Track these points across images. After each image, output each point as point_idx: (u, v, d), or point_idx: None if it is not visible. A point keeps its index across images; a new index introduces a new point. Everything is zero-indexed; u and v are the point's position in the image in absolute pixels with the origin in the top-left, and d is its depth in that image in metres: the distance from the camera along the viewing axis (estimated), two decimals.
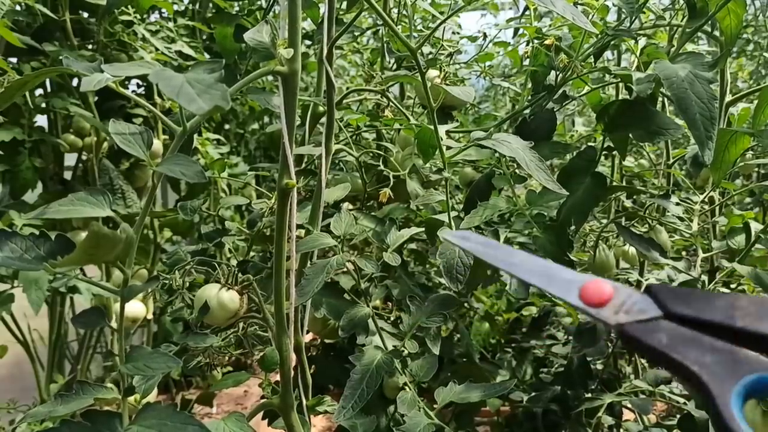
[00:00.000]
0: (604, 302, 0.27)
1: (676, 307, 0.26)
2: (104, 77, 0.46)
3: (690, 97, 0.74)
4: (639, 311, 0.26)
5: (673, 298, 0.26)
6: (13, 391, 1.38)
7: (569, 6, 0.66)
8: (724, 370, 0.24)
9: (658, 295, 0.27)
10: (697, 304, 0.26)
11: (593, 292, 0.27)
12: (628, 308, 0.27)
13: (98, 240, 0.47)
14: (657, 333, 0.26)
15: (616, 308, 0.27)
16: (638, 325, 0.26)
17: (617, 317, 0.26)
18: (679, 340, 0.25)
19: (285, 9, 0.56)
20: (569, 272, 0.29)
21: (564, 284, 0.28)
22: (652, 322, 0.26)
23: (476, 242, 0.31)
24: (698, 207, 1.03)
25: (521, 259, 0.29)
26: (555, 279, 0.29)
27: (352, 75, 2.04)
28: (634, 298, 0.27)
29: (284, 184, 0.60)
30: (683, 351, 0.25)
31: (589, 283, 0.28)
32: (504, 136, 0.73)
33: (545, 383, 1.18)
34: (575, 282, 0.28)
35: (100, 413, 0.54)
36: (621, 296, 0.27)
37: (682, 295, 0.26)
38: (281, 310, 0.64)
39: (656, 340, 0.25)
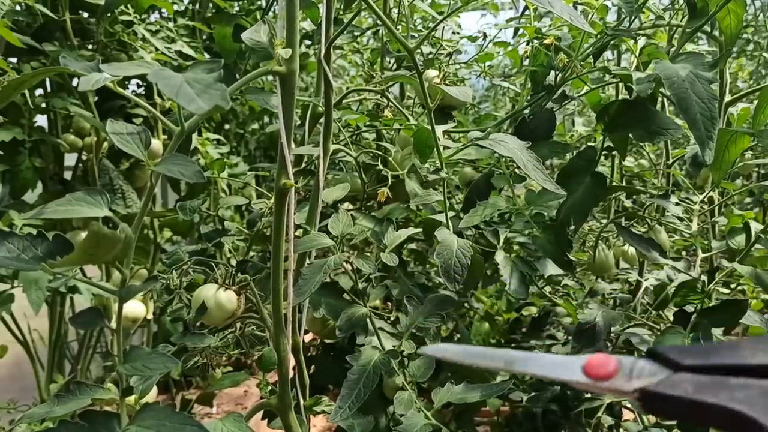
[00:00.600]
0: (612, 374, 0.26)
1: (685, 360, 0.26)
2: (102, 77, 0.46)
3: (690, 97, 0.74)
4: (650, 374, 0.26)
5: (677, 353, 0.26)
6: (13, 391, 1.38)
7: (567, 6, 0.66)
8: (764, 400, 0.23)
9: (663, 355, 0.26)
10: (703, 355, 0.26)
11: (598, 366, 0.27)
12: (638, 374, 0.26)
13: (98, 240, 0.47)
14: (680, 385, 0.25)
15: (626, 377, 0.26)
16: (658, 385, 0.25)
17: (632, 384, 0.26)
18: (705, 385, 0.24)
19: (283, 9, 0.56)
20: (565, 357, 0.28)
21: (565, 367, 0.27)
22: (669, 378, 0.25)
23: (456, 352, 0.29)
24: (698, 207, 1.03)
25: (512, 356, 0.28)
26: (553, 365, 0.28)
27: (352, 75, 2.04)
28: (640, 363, 0.27)
29: (282, 184, 0.60)
30: (714, 393, 0.24)
31: (590, 359, 0.27)
32: (501, 136, 0.73)
33: (545, 383, 1.18)
34: (575, 362, 0.27)
35: (98, 414, 0.54)
36: (627, 365, 0.27)
37: (685, 350, 0.26)
38: (279, 310, 0.64)
39: (681, 390, 0.25)
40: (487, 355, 0.29)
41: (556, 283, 1.27)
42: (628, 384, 0.26)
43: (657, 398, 0.25)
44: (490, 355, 0.28)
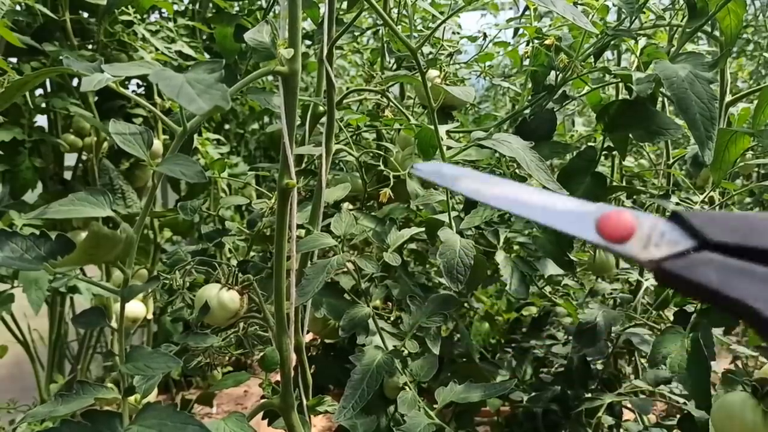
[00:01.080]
0: (627, 236, 0.23)
1: (714, 234, 0.22)
2: (104, 77, 0.46)
3: (690, 97, 0.74)
4: (670, 243, 0.23)
5: (707, 223, 0.22)
6: (13, 391, 1.38)
7: (569, 6, 0.66)
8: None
9: (689, 222, 0.23)
10: (736, 229, 0.22)
11: (613, 225, 0.23)
12: (657, 240, 0.23)
13: (98, 240, 0.47)
14: (703, 268, 0.22)
15: (643, 241, 0.23)
16: (677, 261, 0.22)
17: (648, 252, 0.23)
18: (731, 273, 0.21)
19: (285, 9, 0.56)
20: (576, 202, 0.24)
21: (576, 218, 0.24)
22: (691, 254, 0.22)
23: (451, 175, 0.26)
24: (698, 207, 1.03)
25: (516, 192, 0.25)
26: (563, 213, 0.24)
27: (352, 75, 2.04)
28: (660, 227, 0.23)
29: (284, 184, 0.60)
30: (738, 286, 0.21)
31: (606, 214, 0.24)
32: (504, 136, 0.73)
33: (545, 383, 1.18)
34: (588, 214, 0.24)
35: (100, 413, 0.54)
36: (646, 227, 0.23)
37: (716, 219, 0.23)
38: (281, 310, 0.64)
39: (704, 276, 0.22)
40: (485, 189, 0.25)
41: (557, 283, 1.27)
42: (645, 252, 0.23)
43: (675, 278, 0.22)
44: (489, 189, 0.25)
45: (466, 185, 0.25)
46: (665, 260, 0.22)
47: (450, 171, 0.26)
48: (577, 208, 0.24)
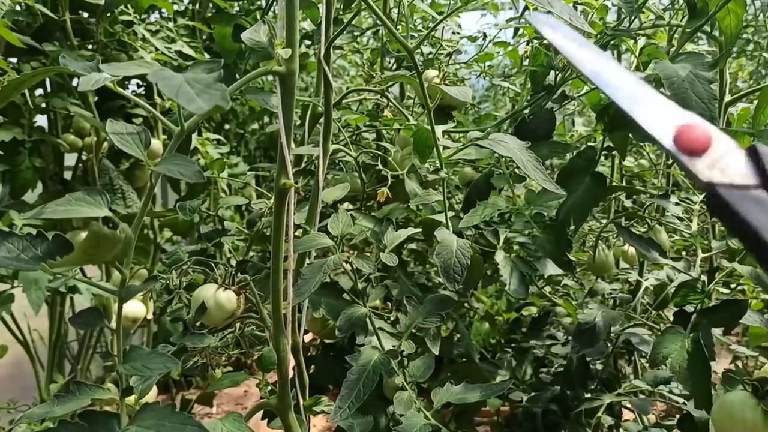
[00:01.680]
0: (699, 151, 0.23)
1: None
2: (102, 77, 0.46)
3: (690, 97, 0.74)
4: (736, 173, 0.23)
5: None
6: (13, 391, 1.38)
7: (567, 6, 0.66)
8: None
9: (762, 159, 0.23)
10: None
11: (691, 138, 0.24)
12: (725, 166, 0.23)
13: (98, 240, 0.47)
14: (752, 205, 0.22)
15: (711, 162, 0.23)
16: (732, 190, 0.23)
17: (711, 173, 0.23)
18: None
19: (282, 9, 0.56)
20: (667, 103, 0.25)
21: (660, 120, 0.24)
22: (750, 189, 0.23)
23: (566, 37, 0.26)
24: (698, 207, 1.03)
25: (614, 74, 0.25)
26: (651, 110, 0.24)
27: (352, 75, 2.04)
28: (733, 155, 0.23)
29: (282, 184, 0.60)
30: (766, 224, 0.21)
31: (688, 124, 0.24)
32: (501, 136, 0.73)
33: (545, 383, 1.18)
34: (672, 119, 0.24)
35: (98, 414, 0.54)
36: (719, 150, 0.23)
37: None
38: (279, 310, 0.64)
39: (750, 212, 0.22)
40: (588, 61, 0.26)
41: (556, 283, 1.27)
42: (707, 172, 0.23)
43: (722, 205, 0.23)
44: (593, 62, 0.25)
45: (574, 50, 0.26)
46: (721, 186, 0.23)
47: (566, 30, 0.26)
48: (663, 108, 0.25)
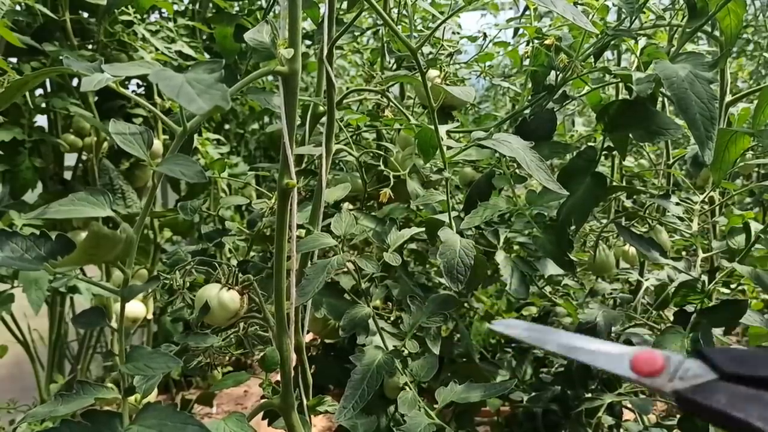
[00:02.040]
0: (657, 371, 0.27)
1: (731, 367, 0.26)
2: (104, 77, 0.46)
3: (690, 97, 0.74)
4: (694, 376, 0.27)
5: (726, 359, 0.27)
6: (13, 391, 1.38)
7: (569, 6, 0.66)
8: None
9: (711, 359, 0.27)
10: (752, 363, 0.26)
11: (645, 363, 0.28)
12: (683, 374, 0.27)
13: (98, 240, 0.47)
14: (715, 394, 0.26)
15: (670, 376, 0.27)
16: (695, 389, 0.26)
17: (673, 384, 0.27)
18: (739, 398, 0.25)
19: (285, 9, 0.56)
20: (616, 346, 0.29)
21: (614, 359, 0.29)
22: (709, 384, 0.26)
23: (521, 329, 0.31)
24: (698, 207, 1.03)
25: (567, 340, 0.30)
26: (604, 355, 0.29)
27: (352, 75, 2.04)
28: (686, 364, 0.27)
29: (284, 184, 0.60)
30: (745, 409, 0.25)
31: (639, 354, 0.28)
32: (504, 136, 0.73)
33: (545, 383, 1.18)
34: (625, 355, 0.28)
35: (100, 413, 0.54)
36: (673, 364, 0.27)
37: (735, 355, 0.27)
38: (282, 310, 0.64)
39: (715, 400, 0.25)
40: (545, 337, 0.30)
41: (557, 283, 1.27)
42: (670, 385, 0.27)
43: (692, 403, 0.26)
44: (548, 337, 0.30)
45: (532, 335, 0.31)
46: (687, 390, 0.27)
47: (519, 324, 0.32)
48: (615, 350, 0.29)
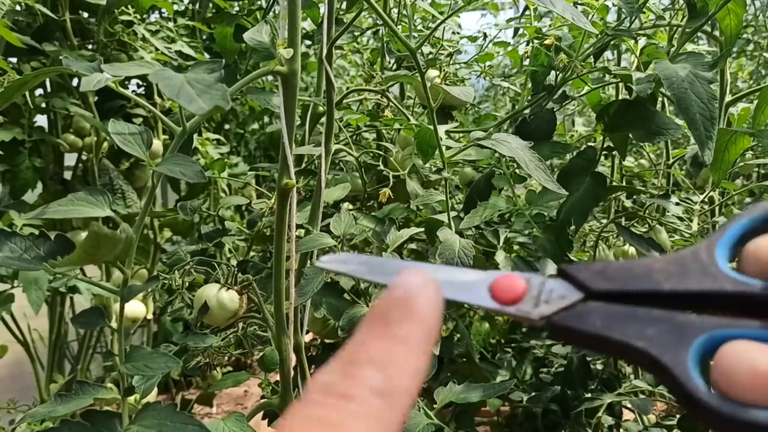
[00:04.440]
0: (519, 297, 0.24)
1: (597, 284, 0.24)
2: (104, 77, 0.46)
3: (690, 97, 0.74)
4: (559, 298, 0.24)
5: (590, 275, 0.24)
6: (13, 391, 1.38)
7: (569, 6, 0.66)
8: (671, 338, 0.22)
9: (574, 276, 0.24)
10: (616, 277, 0.24)
11: (505, 289, 0.25)
12: (547, 297, 0.24)
13: (98, 240, 0.47)
14: (588, 317, 0.23)
15: (534, 300, 0.24)
16: (565, 314, 0.24)
17: (539, 310, 0.24)
18: (614, 318, 0.23)
19: (285, 9, 0.56)
20: (471, 272, 0.26)
21: (471, 288, 0.25)
22: (578, 306, 0.24)
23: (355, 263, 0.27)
24: (698, 207, 1.03)
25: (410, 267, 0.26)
26: (459, 284, 0.25)
27: (352, 75, 2.04)
28: (549, 285, 0.25)
29: (284, 184, 0.60)
30: (622, 329, 0.23)
31: (498, 280, 0.25)
32: (503, 136, 0.73)
33: (545, 383, 1.18)
34: (482, 282, 0.25)
35: (99, 413, 0.54)
36: (535, 286, 0.25)
37: (598, 270, 0.24)
38: (281, 310, 0.64)
39: (590, 324, 0.23)
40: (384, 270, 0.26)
41: None
42: (536, 310, 0.24)
43: (566, 330, 0.24)
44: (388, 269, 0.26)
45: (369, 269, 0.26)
46: (555, 314, 0.24)
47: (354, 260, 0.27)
48: (471, 277, 0.25)
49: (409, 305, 0.20)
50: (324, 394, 0.17)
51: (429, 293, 0.20)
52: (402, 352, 0.18)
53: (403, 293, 0.20)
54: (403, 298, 0.20)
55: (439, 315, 0.21)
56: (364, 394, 0.17)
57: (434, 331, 0.20)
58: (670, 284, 0.23)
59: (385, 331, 0.19)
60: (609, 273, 0.24)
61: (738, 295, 0.23)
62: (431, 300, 0.20)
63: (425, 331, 0.19)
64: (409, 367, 0.18)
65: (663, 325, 0.23)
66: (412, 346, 0.19)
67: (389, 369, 0.18)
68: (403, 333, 0.19)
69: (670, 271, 0.24)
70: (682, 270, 0.24)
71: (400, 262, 0.26)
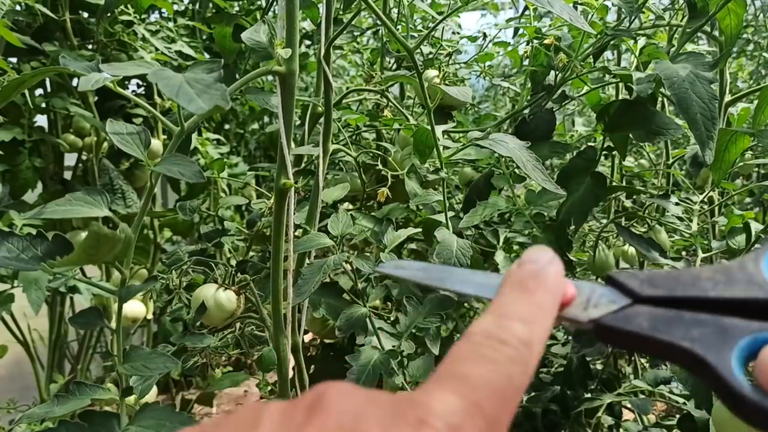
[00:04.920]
0: (569, 302, 0.25)
1: (644, 290, 0.25)
2: (102, 77, 0.46)
3: (690, 97, 0.74)
4: (608, 302, 0.25)
5: (638, 282, 0.25)
6: (13, 391, 1.38)
7: (567, 6, 0.66)
8: (716, 339, 0.23)
9: (623, 283, 0.25)
10: (663, 284, 0.25)
11: None
12: (596, 302, 0.25)
13: (98, 240, 0.47)
14: (635, 319, 0.24)
15: (583, 305, 0.25)
16: (613, 316, 0.25)
17: (588, 313, 0.25)
18: (660, 321, 0.24)
19: (283, 9, 0.56)
20: None
21: None
22: (626, 309, 0.25)
23: (414, 269, 0.28)
24: (698, 207, 1.03)
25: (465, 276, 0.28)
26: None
27: (352, 75, 2.04)
28: (599, 291, 0.26)
29: (282, 184, 0.60)
30: (668, 330, 0.24)
31: None
32: (501, 136, 0.73)
33: (545, 383, 1.18)
34: None
35: (98, 414, 0.54)
36: (585, 292, 0.26)
37: (645, 278, 0.25)
38: (279, 310, 0.64)
39: (637, 325, 0.24)
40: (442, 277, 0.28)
41: None
42: (584, 314, 0.25)
43: (612, 331, 0.25)
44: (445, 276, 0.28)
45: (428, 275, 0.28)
46: (603, 317, 0.25)
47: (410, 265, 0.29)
48: None
49: (542, 276, 0.24)
50: (485, 337, 0.22)
51: (555, 269, 0.25)
52: (539, 314, 0.23)
53: (536, 266, 0.25)
54: (536, 270, 0.25)
55: (563, 287, 0.25)
56: (514, 341, 0.22)
57: (559, 299, 0.25)
58: (716, 291, 0.24)
59: (525, 296, 0.24)
60: (657, 280, 0.25)
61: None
62: (558, 274, 0.25)
63: (554, 299, 0.24)
64: (544, 326, 0.23)
65: (708, 327, 0.23)
66: (546, 310, 0.24)
67: (532, 325, 0.22)
68: (538, 299, 0.24)
69: (716, 279, 0.25)
70: (728, 278, 0.25)
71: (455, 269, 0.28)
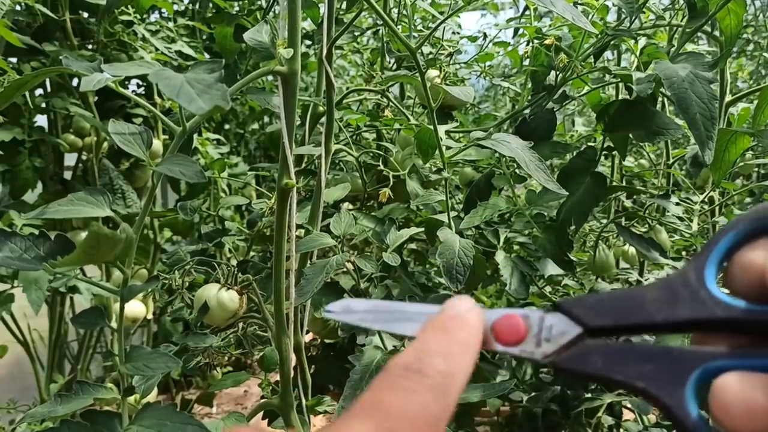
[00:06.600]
0: (522, 338, 0.26)
1: (593, 320, 0.25)
2: (104, 77, 0.46)
3: (690, 97, 0.74)
4: (559, 334, 0.25)
5: (585, 311, 0.25)
6: (13, 391, 1.38)
7: (569, 6, 0.66)
8: (667, 375, 0.24)
9: (571, 311, 0.26)
10: (611, 311, 0.25)
11: (507, 330, 0.26)
12: (547, 335, 0.26)
13: (98, 240, 0.47)
14: (589, 357, 0.25)
15: (536, 339, 0.26)
16: (567, 354, 0.25)
17: (542, 349, 0.25)
18: (613, 357, 0.24)
19: (284, 9, 0.56)
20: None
21: None
22: (579, 344, 0.25)
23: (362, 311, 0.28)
24: (698, 207, 1.03)
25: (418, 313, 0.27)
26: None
27: (352, 75, 2.04)
28: (548, 320, 0.26)
29: (284, 184, 0.60)
30: (622, 369, 0.24)
31: (497, 322, 0.26)
32: (503, 136, 0.73)
33: (545, 383, 1.18)
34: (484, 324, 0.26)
35: (99, 413, 0.54)
36: (535, 324, 0.26)
37: (592, 305, 0.26)
38: (281, 310, 0.64)
39: (591, 365, 0.25)
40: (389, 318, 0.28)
41: (557, 283, 1.27)
42: (539, 350, 0.26)
43: (570, 372, 0.25)
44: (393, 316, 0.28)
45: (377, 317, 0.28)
46: (558, 354, 0.25)
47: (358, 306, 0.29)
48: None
49: (463, 320, 0.25)
50: (404, 369, 0.23)
51: (474, 314, 0.26)
52: (458, 348, 0.24)
53: (457, 312, 0.26)
54: (457, 315, 0.25)
55: (482, 333, 0.26)
56: (433, 372, 0.23)
57: (479, 344, 0.25)
58: (662, 315, 0.25)
59: (446, 335, 0.25)
60: (603, 307, 0.25)
61: (727, 320, 0.24)
62: (477, 319, 0.26)
63: (474, 340, 0.25)
64: (465, 360, 0.24)
65: (659, 360, 0.24)
66: (466, 346, 0.24)
67: (452, 358, 0.23)
68: (459, 338, 0.25)
69: (661, 300, 0.25)
70: (673, 297, 0.25)
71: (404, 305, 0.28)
